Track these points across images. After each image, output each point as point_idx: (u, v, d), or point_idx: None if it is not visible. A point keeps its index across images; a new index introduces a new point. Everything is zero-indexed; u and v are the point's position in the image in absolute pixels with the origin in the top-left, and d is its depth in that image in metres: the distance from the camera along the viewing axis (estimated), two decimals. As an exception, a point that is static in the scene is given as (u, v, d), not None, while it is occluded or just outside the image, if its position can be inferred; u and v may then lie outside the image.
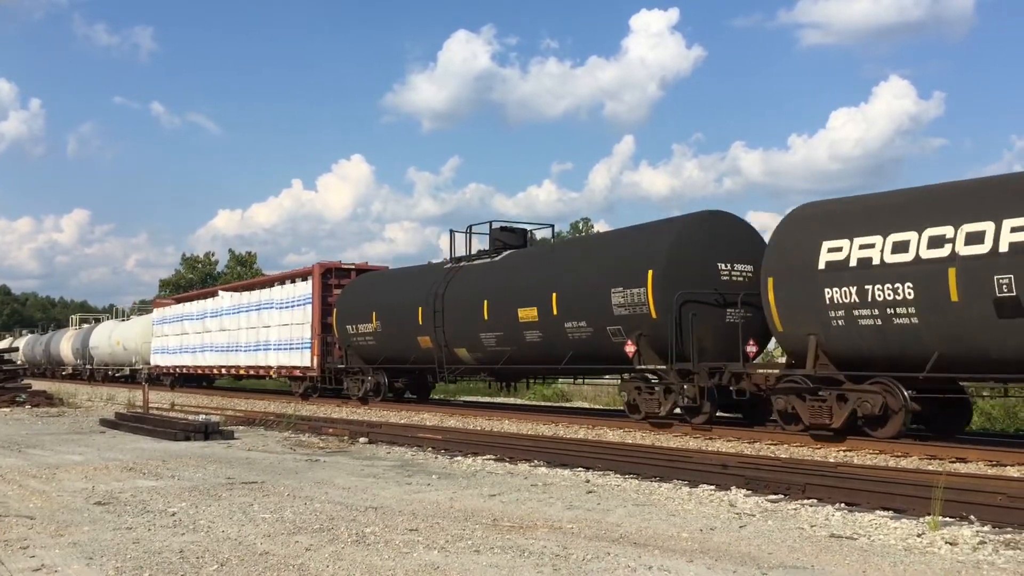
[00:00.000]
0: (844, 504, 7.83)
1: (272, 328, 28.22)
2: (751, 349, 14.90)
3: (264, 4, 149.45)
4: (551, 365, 17.97)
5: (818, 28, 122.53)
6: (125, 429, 16.13)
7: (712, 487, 8.88)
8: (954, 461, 10.85)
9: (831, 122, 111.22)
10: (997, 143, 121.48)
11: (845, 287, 12.16)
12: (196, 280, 70.66)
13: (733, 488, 8.72)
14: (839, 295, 12.23)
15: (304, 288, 26.84)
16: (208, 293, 36.53)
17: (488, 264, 20.38)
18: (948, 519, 6.98)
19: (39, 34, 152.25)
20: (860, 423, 12.41)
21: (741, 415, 15.55)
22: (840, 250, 12.33)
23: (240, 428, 16.23)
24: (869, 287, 11.88)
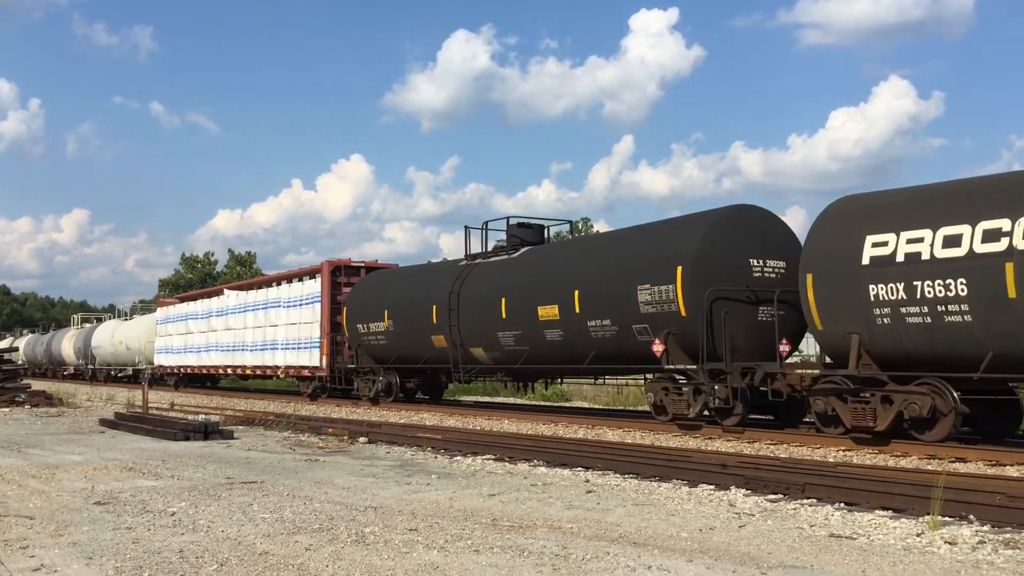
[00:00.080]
0: (843, 504, 7.83)
1: (279, 327, 27.83)
2: (784, 348, 14.32)
3: (264, 4, 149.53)
4: (573, 365, 17.47)
5: (818, 28, 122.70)
6: (125, 429, 16.13)
7: (712, 487, 8.88)
8: (953, 461, 10.85)
9: (831, 122, 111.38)
10: (997, 143, 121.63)
11: (891, 283, 11.67)
12: (196, 280, 70.63)
13: (733, 488, 8.72)
14: (885, 292, 11.72)
15: (313, 286, 26.40)
16: (213, 292, 36.09)
17: (506, 261, 19.81)
18: (948, 519, 6.98)
19: (39, 34, 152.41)
20: (906, 426, 11.94)
21: (772, 417, 15.01)
22: (885, 245, 11.81)
23: (240, 428, 16.23)
24: (918, 283, 11.39)
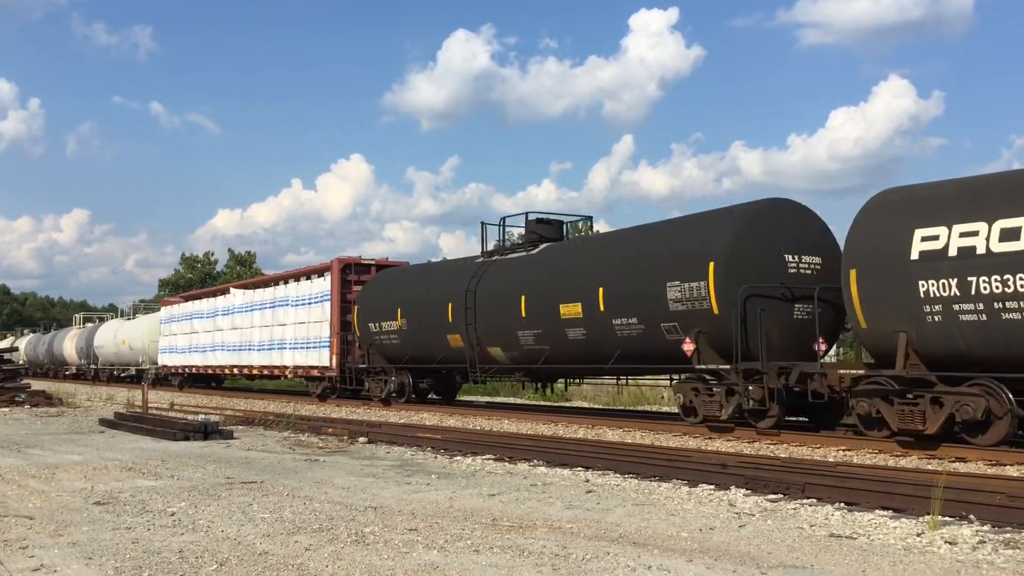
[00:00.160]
0: (843, 504, 7.83)
1: (288, 326, 27.30)
2: (820, 347, 13.85)
3: (264, 4, 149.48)
4: (596, 365, 16.91)
5: (817, 28, 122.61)
6: (124, 429, 16.13)
7: (712, 487, 8.87)
8: (953, 461, 10.84)
9: (830, 122, 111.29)
10: (996, 142, 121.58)
11: (943, 279, 11.13)
12: (195, 280, 70.55)
13: (732, 488, 8.72)
14: (936, 288, 11.16)
15: (322, 284, 25.87)
16: (219, 290, 35.48)
17: (525, 258, 19.17)
18: (948, 518, 6.97)
19: (38, 34, 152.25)
20: (957, 429, 11.44)
21: (807, 419, 14.51)
22: (936, 239, 11.27)
23: (239, 428, 16.23)
24: (972, 279, 10.84)
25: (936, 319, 11.28)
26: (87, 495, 8.54)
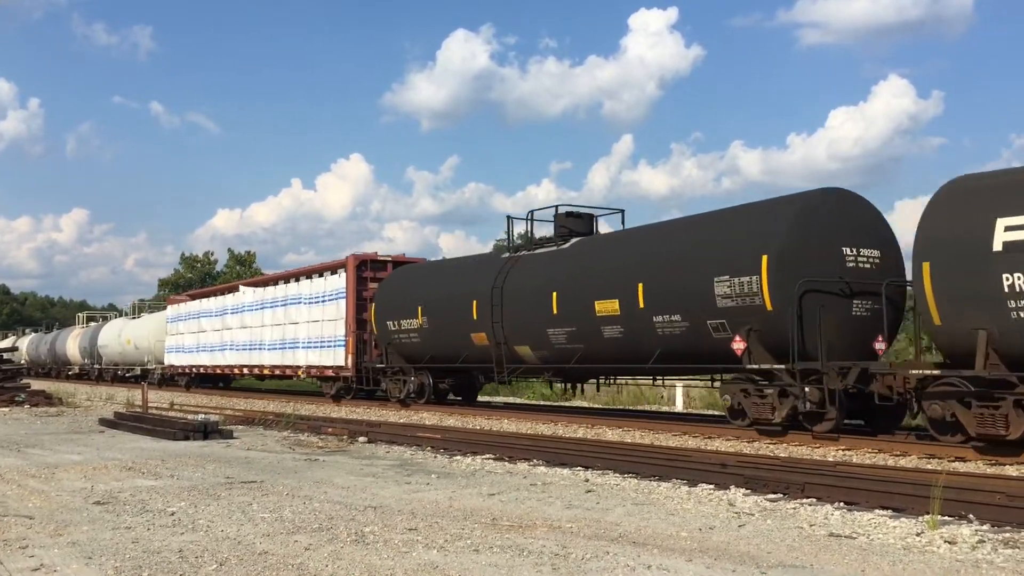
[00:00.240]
0: (843, 503, 7.84)
1: (301, 325, 26.57)
2: (879, 346, 13.16)
3: (263, 4, 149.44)
4: (634, 364, 16.11)
5: (817, 27, 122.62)
6: (124, 429, 16.14)
7: (711, 486, 8.88)
8: (953, 460, 10.85)
9: (830, 121, 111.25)
10: (996, 142, 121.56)
11: None
12: (195, 279, 70.56)
13: (732, 487, 8.73)
14: (1022, 282, 10.37)
15: (337, 282, 25.12)
16: (227, 288, 34.59)
17: (555, 252, 18.41)
18: (947, 518, 6.98)
19: (38, 33, 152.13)
20: None
21: (863, 422, 13.71)
22: (1022, 228, 10.54)
23: (239, 428, 16.23)
24: None
25: (1021, 315, 10.52)
26: (87, 495, 8.54)
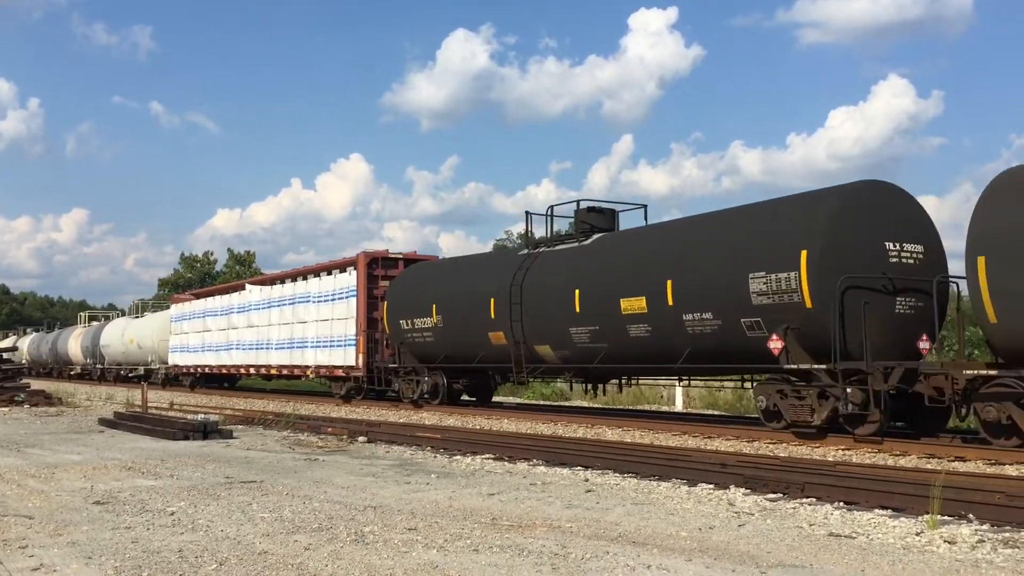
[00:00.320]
0: (843, 503, 7.84)
1: (309, 324, 26.08)
2: (923, 345, 12.72)
3: (263, 4, 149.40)
4: (662, 364, 15.58)
5: (817, 27, 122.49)
6: (124, 428, 16.14)
7: (711, 486, 8.88)
8: (953, 460, 10.85)
9: (830, 121, 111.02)
10: (996, 141, 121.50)
11: None
12: (195, 279, 70.59)
13: (732, 487, 8.73)
14: None
15: (347, 280, 24.61)
16: (233, 287, 34.13)
17: (577, 249, 17.83)
18: (947, 518, 6.98)
19: (38, 33, 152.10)
20: None
21: (903, 424, 13.27)
22: None
23: (239, 427, 16.23)
24: None
25: None
26: (87, 495, 8.54)
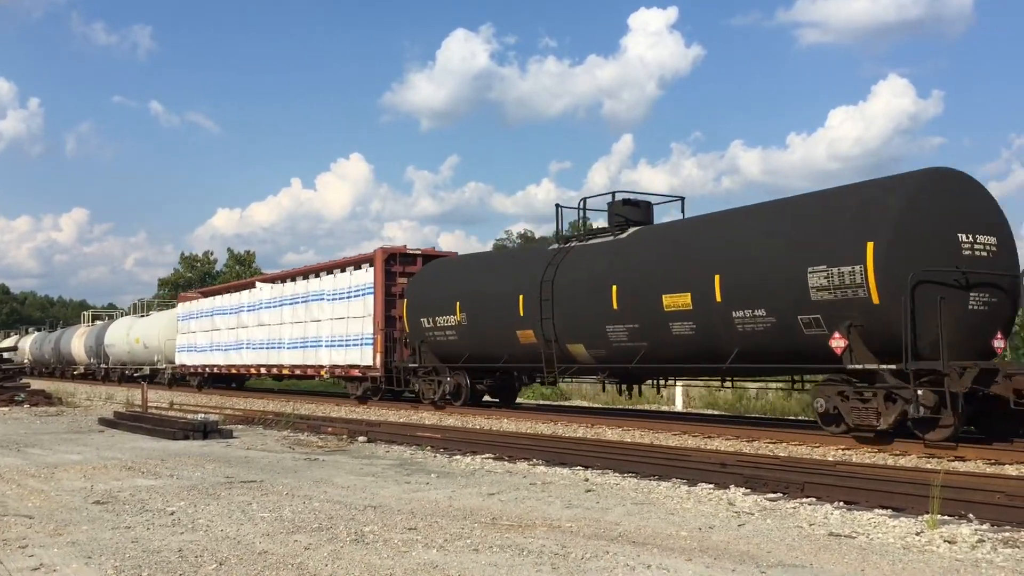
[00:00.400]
0: (843, 503, 7.84)
1: (323, 322, 25.29)
2: (998, 344, 12.12)
3: (263, 3, 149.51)
4: (708, 364, 14.75)
5: (816, 27, 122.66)
6: (123, 428, 16.13)
7: (711, 486, 8.88)
8: (952, 460, 10.85)
9: (830, 121, 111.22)
10: (996, 141, 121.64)
11: None
12: (195, 279, 70.61)
13: (732, 487, 8.73)
14: None
15: (363, 277, 23.81)
16: (243, 285, 33.37)
17: (612, 243, 16.97)
18: (947, 517, 6.98)
19: (37, 33, 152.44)
20: None
21: (974, 428, 12.56)
22: None
23: (239, 427, 16.23)
24: None
25: None
26: (86, 494, 8.54)
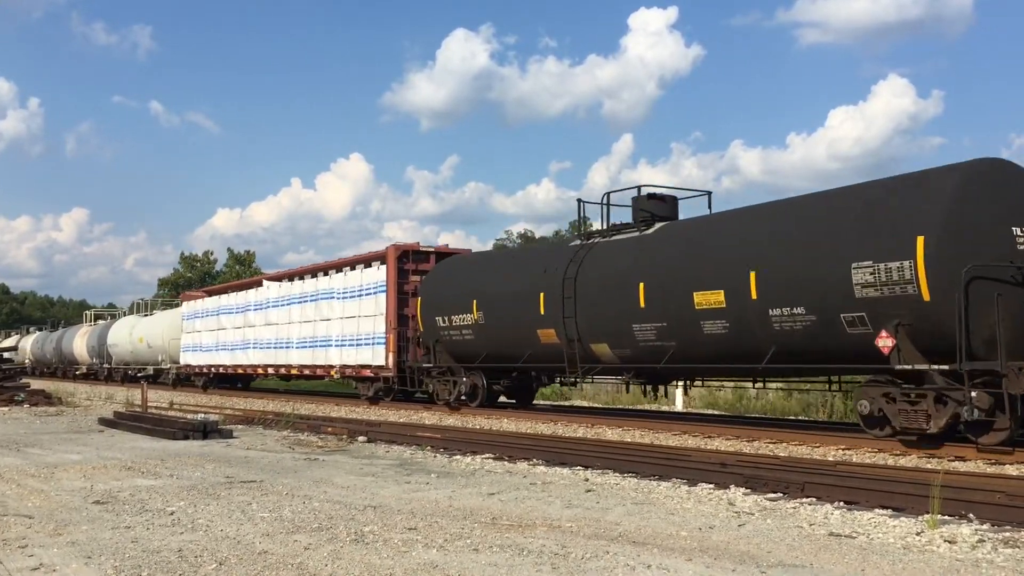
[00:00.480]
0: (843, 502, 7.84)
1: (334, 321, 24.89)
2: None
3: (263, 4, 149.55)
4: (742, 364, 14.18)
5: (816, 27, 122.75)
6: (123, 428, 16.13)
7: (711, 486, 8.88)
8: (953, 460, 10.85)
9: (830, 121, 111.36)
10: (996, 141, 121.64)
11: None
12: (195, 279, 70.63)
13: (732, 487, 8.73)
14: None
15: (375, 275, 23.35)
16: (249, 283, 33.09)
17: (638, 238, 16.39)
18: (947, 517, 6.98)
19: (37, 33, 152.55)
20: None
21: None
22: None
23: (239, 427, 16.22)
24: None
25: None
26: (86, 494, 8.54)
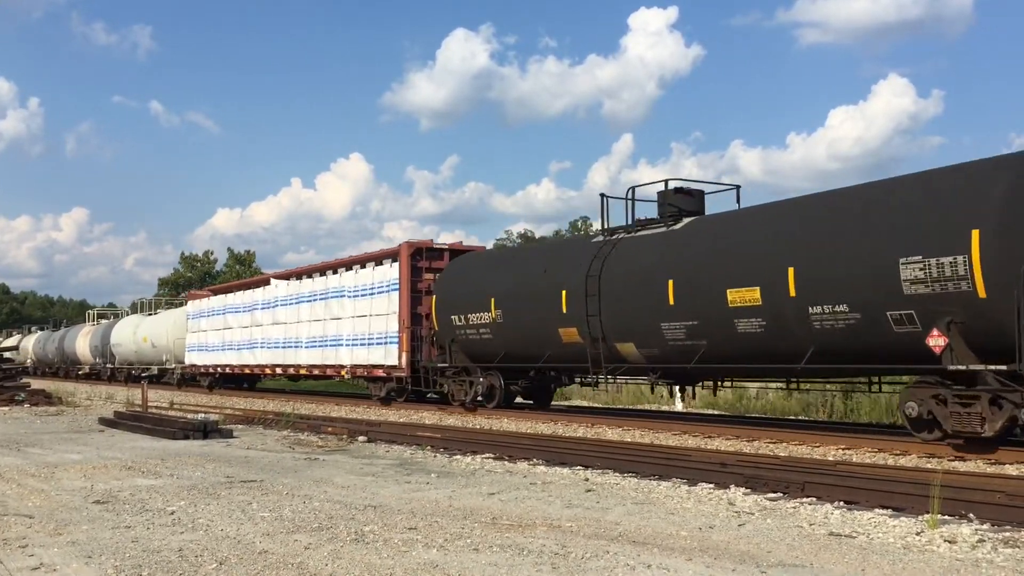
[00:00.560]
0: (843, 502, 7.84)
1: (344, 320, 24.21)
2: None
3: (263, 3, 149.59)
4: (779, 364, 13.61)
5: (816, 27, 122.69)
6: (124, 428, 16.14)
7: (711, 485, 8.88)
8: (953, 459, 10.85)
9: (830, 120, 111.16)
10: (996, 141, 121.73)
11: None
12: (195, 279, 70.60)
13: (732, 486, 8.73)
14: None
15: (388, 272, 22.71)
16: (256, 282, 32.49)
17: (666, 234, 15.85)
18: (947, 517, 6.98)
19: (37, 33, 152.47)
20: None
21: None
22: None
23: (239, 427, 16.23)
24: None
25: None
26: (86, 494, 8.54)
